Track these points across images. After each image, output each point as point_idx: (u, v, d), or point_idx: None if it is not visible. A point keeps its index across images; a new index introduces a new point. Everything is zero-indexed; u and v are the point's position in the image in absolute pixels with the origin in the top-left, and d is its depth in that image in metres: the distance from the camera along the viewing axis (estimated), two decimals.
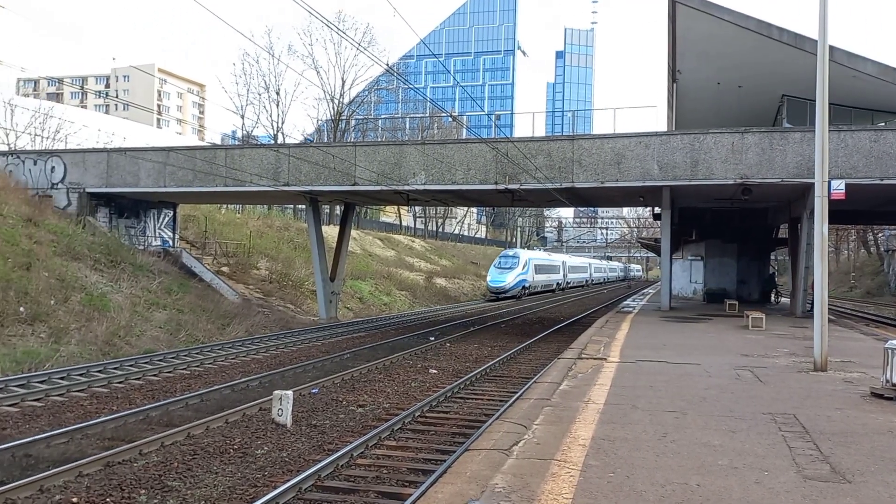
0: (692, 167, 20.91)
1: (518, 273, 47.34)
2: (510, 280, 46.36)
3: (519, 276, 47.35)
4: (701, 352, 13.39)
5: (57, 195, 26.23)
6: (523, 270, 48.27)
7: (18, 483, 7.43)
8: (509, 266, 47.62)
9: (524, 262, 48.96)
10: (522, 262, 48.68)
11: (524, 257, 49.86)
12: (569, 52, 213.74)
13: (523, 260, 49.11)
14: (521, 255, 49.88)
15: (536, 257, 55.02)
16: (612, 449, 6.26)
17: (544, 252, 68.38)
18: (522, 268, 48.21)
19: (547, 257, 61.51)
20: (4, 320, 16.42)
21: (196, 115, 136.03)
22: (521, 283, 48.02)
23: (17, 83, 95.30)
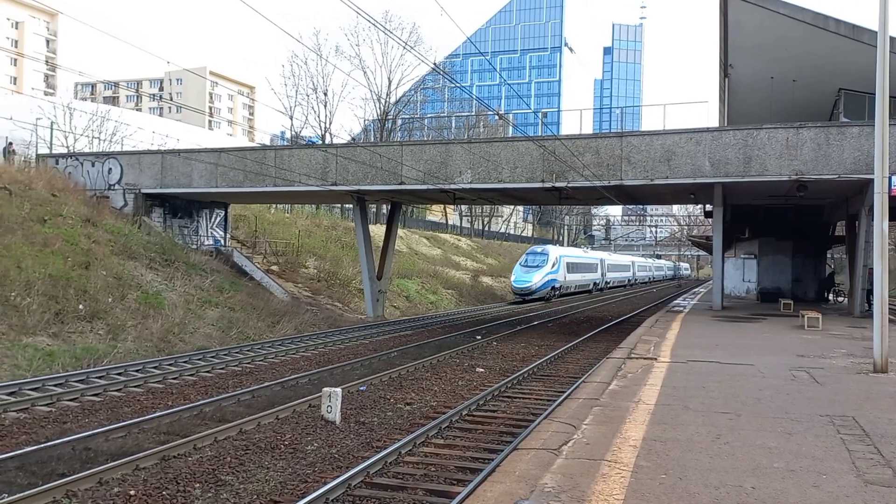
0: (745, 163, 20.45)
1: (546, 272, 42.62)
2: (537, 280, 41.75)
3: (547, 275, 42.66)
4: (755, 352, 13.09)
5: (114, 196, 26.98)
6: (552, 269, 43.50)
7: (79, 476, 7.67)
8: (536, 264, 43.02)
9: (554, 260, 43.95)
10: (552, 259, 43.74)
11: (554, 254, 44.83)
12: (617, 48, 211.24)
13: (553, 257, 44.15)
14: (550, 251, 44.87)
15: (569, 254, 50.08)
16: (664, 450, 6.16)
17: (579, 249, 63.22)
18: (552, 266, 43.36)
19: (582, 254, 56.25)
20: (65, 317, 16.97)
21: (246, 116, 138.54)
22: (550, 283, 43.30)
23: (75, 87, 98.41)
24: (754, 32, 23.35)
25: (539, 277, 41.92)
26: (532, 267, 42.90)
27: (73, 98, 50.96)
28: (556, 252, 45.77)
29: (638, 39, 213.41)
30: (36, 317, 16.16)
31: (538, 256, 43.99)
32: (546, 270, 42.69)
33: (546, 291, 42.87)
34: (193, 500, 7.36)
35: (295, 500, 7.19)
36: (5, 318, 15.62)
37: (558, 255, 45.40)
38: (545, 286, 42.52)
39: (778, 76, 25.66)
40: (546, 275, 42.56)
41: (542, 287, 42.12)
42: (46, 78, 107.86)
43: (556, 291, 44.84)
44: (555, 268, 43.87)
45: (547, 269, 42.86)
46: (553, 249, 46.00)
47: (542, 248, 46.72)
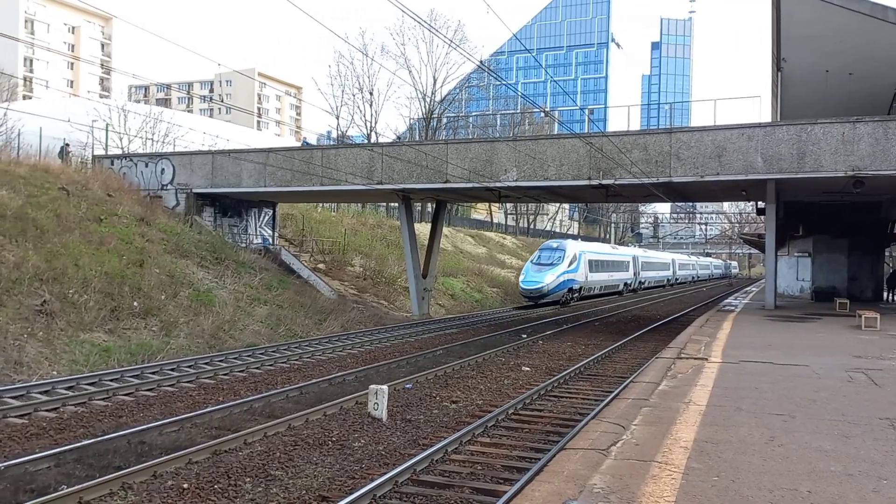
0: (799, 159, 19.93)
1: (562, 271, 36.72)
2: (550, 280, 35.76)
3: (563, 274, 36.76)
4: (809, 352, 12.75)
5: (166, 195, 27.62)
6: (570, 267, 37.63)
7: (134, 469, 7.87)
8: (550, 262, 37.07)
9: (572, 257, 38.04)
10: (570, 255, 37.85)
11: (573, 250, 38.97)
12: (665, 43, 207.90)
13: (571, 253, 38.20)
14: (567, 247, 38.93)
15: (592, 250, 44.11)
16: (716, 452, 6.04)
17: (606, 245, 55.87)
18: (569, 264, 37.47)
19: (609, 251, 49.56)
20: (120, 314, 17.44)
21: (293, 116, 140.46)
22: (567, 284, 37.44)
23: (129, 89, 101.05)
24: (808, 25, 22.70)
25: (552, 277, 36.05)
26: (545, 265, 36.98)
27: (128, 100, 52.31)
28: (576, 247, 39.95)
29: (687, 34, 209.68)
30: (93, 313, 16.64)
31: (553, 253, 38.25)
32: (562, 269, 36.85)
33: (562, 294, 37.16)
34: (244, 495, 7.48)
35: (343, 496, 7.25)
36: (64, 314, 16.12)
37: (578, 252, 39.45)
38: (560, 287, 36.76)
39: (833, 70, 24.90)
40: (562, 274, 36.77)
41: (556, 288, 36.34)
42: (101, 81, 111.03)
43: (576, 293, 39.38)
44: (573, 266, 38.16)
45: (563, 266, 36.99)
46: (572, 245, 40.08)
47: (559, 242, 40.97)
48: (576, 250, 39.17)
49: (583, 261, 39.83)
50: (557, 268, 36.56)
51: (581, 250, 40.19)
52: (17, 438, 9.43)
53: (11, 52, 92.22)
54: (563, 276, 36.75)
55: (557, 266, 36.66)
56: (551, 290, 35.87)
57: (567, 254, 37.66)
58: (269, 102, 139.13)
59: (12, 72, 69.65)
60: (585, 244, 44.72)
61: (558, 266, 36.69)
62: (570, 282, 37.65)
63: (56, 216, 20.26)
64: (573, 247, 39.44)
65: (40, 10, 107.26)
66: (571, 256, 37.96)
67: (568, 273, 37.22)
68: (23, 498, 7.13)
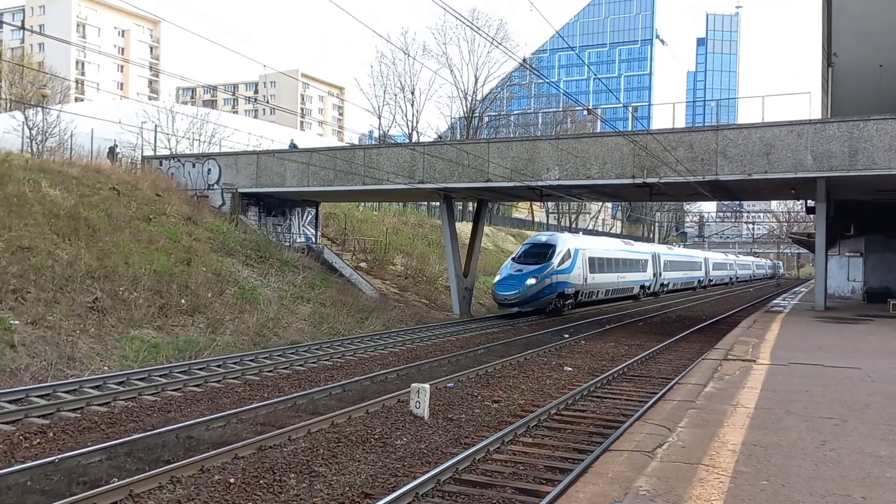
0: (850, 157, 19.40)
1: (550, 271, 29.10)
2: (530, 284, 27.98)
3: (551, 275, 29.11)
4: (862, 355, 12.40)
5: (212, 195, 28.12)
6: (562, 267, 30.05)
7: (182, 463, 8.03)
8: (535, 260, 29.55)
9: (564, 254, 30.37)
10: (561, 252, 30.17)
11: (567, 245, 31.12)
12: (711, 39, 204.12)
13: (563, 249, 30.52)
14: (559, 241, 31.16)
15: (595, 246, 35.61)
16: (765, 455, 5.91)
17: (615, 240, 46.85)
18: (561, 262, 29.94)
19: (620, 247, 41.31)
20: (168, 311, 17.82)
21: (336, 116, 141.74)
22: (557, 288, 29.61)
23: (176, 91, 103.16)
24: (860, 18, 22.08)
25: (535, 279, 28.28)
26: (528, 264, 29.37)
27: (175, 102, 53.39)
28: (572, 243, 32.11)
29: (734, 29, 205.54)
30: (142, 310, 17.04)
31: (539, 249, 30.55)
32: (550, 268, 29.22)
33: (549, 299, 29.35)
34: (289, 490, 7.58)
35: (386, 493, 7.29)
36: (115, 311, 16.54)
37: (573, 248, 31.69)
38: (546, 292, 28.93)
39: (887, 64, 24.18)
40: (549, 275, 29.02)
41: (540, 293, 28.53)
42: (150, 83, 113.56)
43: (570, 299, 31.50)
44: (566, 264, 30.49)
45: (552, 265, 29.41)
46: (566, 239, 32.23)
47: (549, 235, 33.39)
48: (571, 246, 31.58)
49: (580, 259, 32.00)
50: (543, 267, 28.96)
51: (578, 246, 32.45)
52: (71, 432, 9.70)
53: (64, 56, 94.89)
54: (552, 278, 29.18)
55: (544, 265, 29.11)
56: (533, 294, 28.09)
57: (558, 250, 30.15)
58: (312, 103, 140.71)
59: (65, 75, 71.67)
60: (586, 239, 36.67)
61: (545, 265, 29.13)
62: (560, 285, 29.88)
63: (107, 215, 20.80)
64: (567, 241, 31.81)
65: (91, 14, 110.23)
66: (564, 253, 30.36)
67: (558, 274, 29.65)
68: (76, 490, 7.33)
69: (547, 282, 28.95)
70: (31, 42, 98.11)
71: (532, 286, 28.05)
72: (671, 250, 54.65)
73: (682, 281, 54.16)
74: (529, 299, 28.10)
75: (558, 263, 29.75)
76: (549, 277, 29.03)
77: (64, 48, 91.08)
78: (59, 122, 31.16)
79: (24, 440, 9.22)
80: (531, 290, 28.04)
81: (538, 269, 28.74)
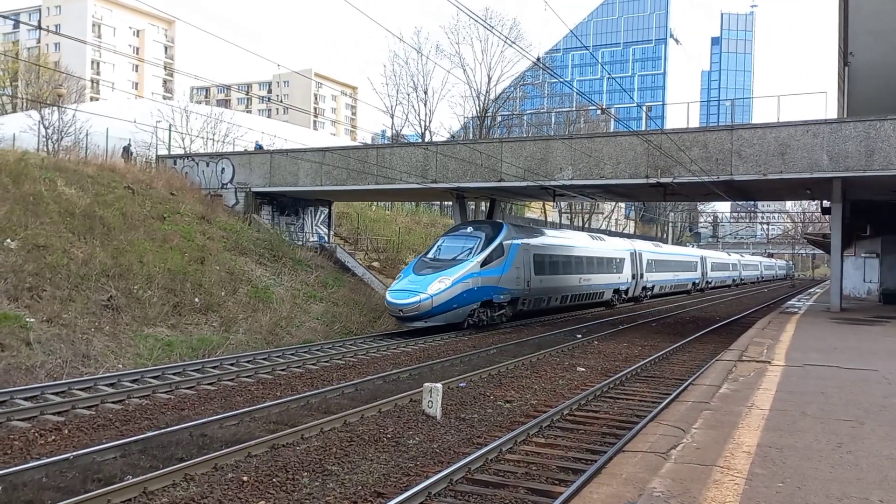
0: (867, 157, 19.21)
1: (466, 272, 21.84)
2: (437, 290, 20.90)
3: (468, 278, 21.86)
4: (878, 357, 12.28)
5: (226, 194, 28.24)
6: (490, 266, 22.78)
7: (196, 461, 8.07)
8: (450, 258, 22.46)
9: (493, 250, 23.08)
10: (489, 248, 22.98)
11: (499, 239, 23.66)
12: (726, 38, 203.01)
13: (493, 244, 23.24)
14: (489, 232, 23.83)
15: (546, 242, 28.00)
16: (780, 457, 5.86)
17: (579, 234, 36.22)
18: (487, 260, 22.67)
19: (584, 242, 32.64)
20: (182, 310, 17.91)
21: (349, 116, 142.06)
22: (479, 294, 22.46)
23: (190, 91, 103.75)
24: (878, 17, 21.85)
25: (443, 284, 21.05)
26: (441, 262, 22.28)
27: (189, 101, 53.71)
28: (509, 235, 24.39)
29: (749, 28, 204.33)
30: (156, 309, 17.14)
31: (461, 242, 23.29)
32: (469, 269, 21.94)
33: (465, 311, 21.98)
34: (301, 489, 7.59)
35: (398, 492, 7.29)
36: (129, 309, 16.64)
37: (510, 242, 24.18)
38: (461, 301, 21.62)
39: None
40: (466, 277, 21.76)
41: (451, 303, 21.23)
42: (165, 83, 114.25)
43: (508, 308, 24.36)
44: (496, 264, 23.10)
45: (473, 265, 22.15)
46: (500, 230, 24.25)
47: (478, 225, 25.44)
48: (506, 239, 24.01)
49: (520, 256, 24.71)
50: (460, 266, 21.91)
51: (518, 241, 24.93)
52: (85, 429, 9.77)
53: (80, 56, 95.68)
54: (472, 281, 21.93)
55: (461, 263, 22.05)
56: (441, 304, 20.87)
57: (486, 244, 23.02)
58: (326, 102, 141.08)
59: (81, 74, 72.25)
60: (538, 231, 30.13)
61: (462, 263, 22.06)
62: (486, 290, 22.68)
63: (122, 214, 20.93)
64: (502, 234, 24.03)
65: (107, 14, 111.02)
66: (493, 249, 23.05)
67: (483, 275, 22.43)
68: (91, 487, 7.38)
69: (463, 286, 21.55)
70: (47, 42, 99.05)
71: (439, 292, 20.78)
72: (658, 247, 46.70)
73: (671, 284, 46.20)
74: (435, 310, 20.74)
75: (483, 261, 22.54)
76: (467, 280, 21.75)
77: (80, 48, 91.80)
78: (74, 122, 31.38)
79: (40, 437, 9.30)
80: (438, 296, 20.72)
81: (452, 268, 21.74)
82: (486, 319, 23.31)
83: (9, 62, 60.29)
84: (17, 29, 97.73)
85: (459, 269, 21.84)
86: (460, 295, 21.63)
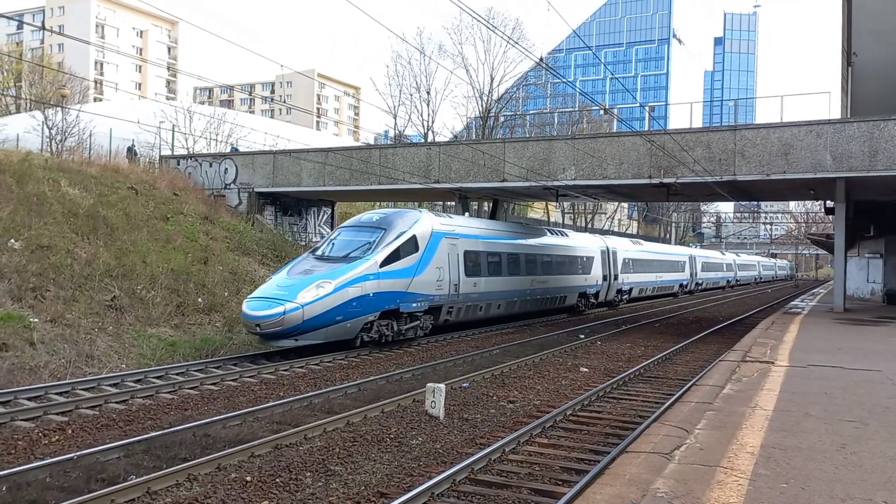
0: (871, 157, 19.19)
1: (360, 273, 16.79)
2: (312, 298, 15.63)
3: (361, 281, 16.73)
4: (882, 357, 12.26)
5: (229, 195, 28.29)
6: (398, 266, 17.94)
7: (199, 461, 8.07)
8: (342, 255, 17.63)
9: (404, 244, 18.34)
10: (398, 241, 18.22)
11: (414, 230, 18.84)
12: (729, 38, 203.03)
13: (405, 236, 18.45)
14: (400, 222, 18.84)
15: (478, 237, 22.25)
16: (784, 458, 5.85)
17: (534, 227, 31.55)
18: (393, 257, 17.81)
19: (538, 238, 27.24)
20: (185, 310, 17.94)
21: (351, 116, 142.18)
22: (378, 303, 17.29)
23: (194, 91, 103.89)
24: (881, 17, 21.81)
25: (322, 289, 15.98)
26: (329, 261, 17.41)
27: (193, 102, 53.76)
28: (426, 226, 19.42)
29: (752, 28, 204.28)
30: (160, 309, 17.16)
31: (362, 235, 18.45)
32: (363, 269, 16.98)
33: (355, 324, 16.81)
34: (305, 489, 7.59)
35: (401, 493, 7.29)
36: (132, 309, 16.67)
37: (428, 233, 19.33)
38: (348, 311, 16.45)
39: None
40: (358, 280, 16.73)
41: (332, 314, 16.08)
42: (168, 83, 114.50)
43: (423, 319, 19.10)
44: (408, 262, 18.28)
45: (371, 263, 17.23)
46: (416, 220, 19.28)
47: (385, 214, 19.78)
48: (423, 230, 19.07)
49: (445, 253, 19.80)
50: (347, 268, 16.73)
51: (442, 234, 19.86)
52: (89, 429, 9.78)
53: (83, 56, 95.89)
54: (361, 287, 16.64)
55: (350, 264, 16.92)
56: (315, 317, 15.65)
57: (394, 236, 18.10)
58: (328, 103, 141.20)
59: (84, 75, 72.38)
60: (473, 222, 23.34)
61: (352, 264, 16.93)
62: (387, 298, 17.46)
63: (125, 214, 20.97)
64: (420, 224, 19.14)
65: (110, 15, 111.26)
66: (402, 243, 18.10)
67: (380, 279, 17.21)
68: (94, 487, 7.39)
69: (353, 291, 16.35)
70: (50, 42, 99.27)
71: (314, 301, 15.52)
72: (638, 245, 41.40)
73: (652, 286, 41.76)
74: (308, 324, 15.48)
75: (386, 259, 17.51)
76: (358, 284, 16.54)
77: (83, 48, 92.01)
78: (78, 122, 31.46)
79: (44, 437, 9.31)
80: (312, 306, 15.46)
81: (339, 269, 16.62)
82: (391, 335, 17.88)
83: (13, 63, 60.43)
84: (21, 30, 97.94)
85: (348, 271, 16.60)
86: (347, 304, 16.25)
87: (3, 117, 44.19)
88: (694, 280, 52.29)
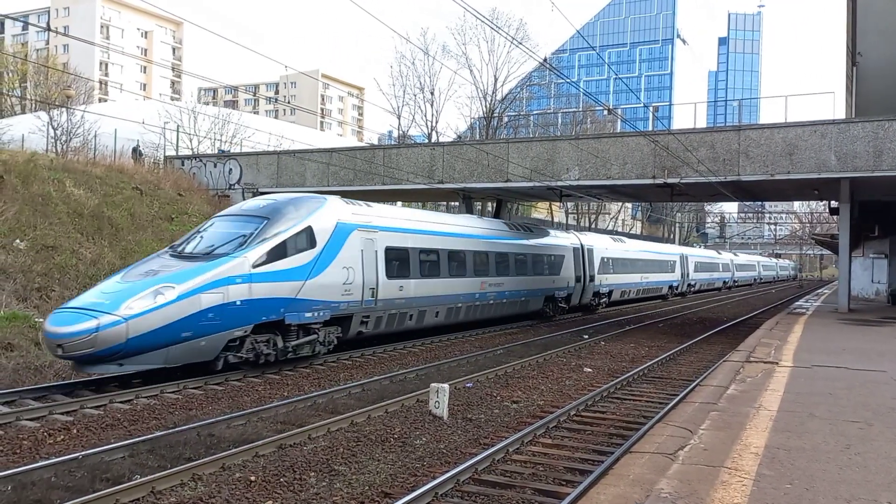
0: (875, 157, 19.15)
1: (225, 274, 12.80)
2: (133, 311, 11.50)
3: (224, 285, 12.69)
4: (886, 358, 12.24)
5: (234, 195, 28.32)
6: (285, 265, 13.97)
7: (204, 460, 8.08)
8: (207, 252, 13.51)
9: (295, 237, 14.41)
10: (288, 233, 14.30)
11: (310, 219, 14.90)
12: (733, 38, 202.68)
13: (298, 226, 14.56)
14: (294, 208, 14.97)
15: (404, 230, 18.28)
16: (788, 459, 5.85)
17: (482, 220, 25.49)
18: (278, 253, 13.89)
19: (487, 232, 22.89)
20: None
21: (355, 116, 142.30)
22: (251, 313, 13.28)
23: (198, 92, 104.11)
24: (886, 16, 21.79)
25: (155, 300, 11.84)
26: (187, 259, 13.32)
27: (197, 102, 53.88)
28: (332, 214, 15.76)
29: (756, 29, 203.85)
30: None
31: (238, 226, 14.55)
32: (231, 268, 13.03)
33: (201, 346, 12.61)
34: (309, 489, 7.61)
35: (405, 493, 7.29)
36: None
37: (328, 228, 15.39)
38: (188, 328, 12.22)
39: None
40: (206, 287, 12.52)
41: (165, 333, 11.90)
42: (172, 84, 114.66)
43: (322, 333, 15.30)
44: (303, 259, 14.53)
45: (242, 261, 13.25)
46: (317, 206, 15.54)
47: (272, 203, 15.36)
48: (328, 223, 15.49)
49: (357, 249, 16.20)
50: (203, 269, 12.88)
51: (354, 226, 16.31)
52: (94, 429, 9.80)
53: (88, 57, 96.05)
54: (222, 293, 12.78)
55: (210, 264, 13.08)
56: (147, 335, 11.71)
57: (268, 229, 14.23)
58: (332, 103, 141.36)
59: (89, 75, 72.55)
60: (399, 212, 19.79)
61: (213, 264, 13.08)
62: (264, 306, 13.70)
63: (130, 215, 21.03)
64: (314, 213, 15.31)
65: (115, 16, 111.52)
66: (290, 236, 14.43)
67: (253, 282, 13.38)
68: (99, 486, 7.40)
69: (208, 299, 12.62)
70: (55, 43, 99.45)
71: (145, 312, 11.78)
72: (620, 242, 37.49)
73: (637, 287, 38.14)
74: (134, 344, 11.64)
75: (264, 257, 13.75)
76: (218, 289, 12.78)
77: (88, 49, 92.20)
78: (83, 123, 31.54)
79: (49, 437, 9.34)
80: (141, 319, 11.69)
81: (194, 268, 12.92)
82: (274, 353, 14.17)
83: (18, 64, 60.64)
84: (26, 31, 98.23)
85: (204, 272, 12.79)
86: (200, 315, 12.44)
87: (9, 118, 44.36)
88: (686, 281, 48.59)
